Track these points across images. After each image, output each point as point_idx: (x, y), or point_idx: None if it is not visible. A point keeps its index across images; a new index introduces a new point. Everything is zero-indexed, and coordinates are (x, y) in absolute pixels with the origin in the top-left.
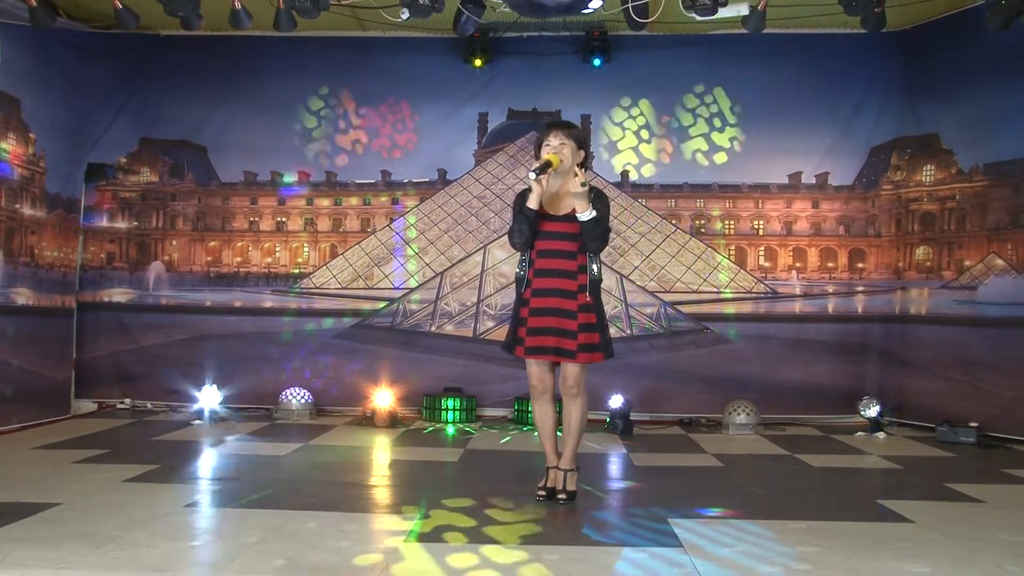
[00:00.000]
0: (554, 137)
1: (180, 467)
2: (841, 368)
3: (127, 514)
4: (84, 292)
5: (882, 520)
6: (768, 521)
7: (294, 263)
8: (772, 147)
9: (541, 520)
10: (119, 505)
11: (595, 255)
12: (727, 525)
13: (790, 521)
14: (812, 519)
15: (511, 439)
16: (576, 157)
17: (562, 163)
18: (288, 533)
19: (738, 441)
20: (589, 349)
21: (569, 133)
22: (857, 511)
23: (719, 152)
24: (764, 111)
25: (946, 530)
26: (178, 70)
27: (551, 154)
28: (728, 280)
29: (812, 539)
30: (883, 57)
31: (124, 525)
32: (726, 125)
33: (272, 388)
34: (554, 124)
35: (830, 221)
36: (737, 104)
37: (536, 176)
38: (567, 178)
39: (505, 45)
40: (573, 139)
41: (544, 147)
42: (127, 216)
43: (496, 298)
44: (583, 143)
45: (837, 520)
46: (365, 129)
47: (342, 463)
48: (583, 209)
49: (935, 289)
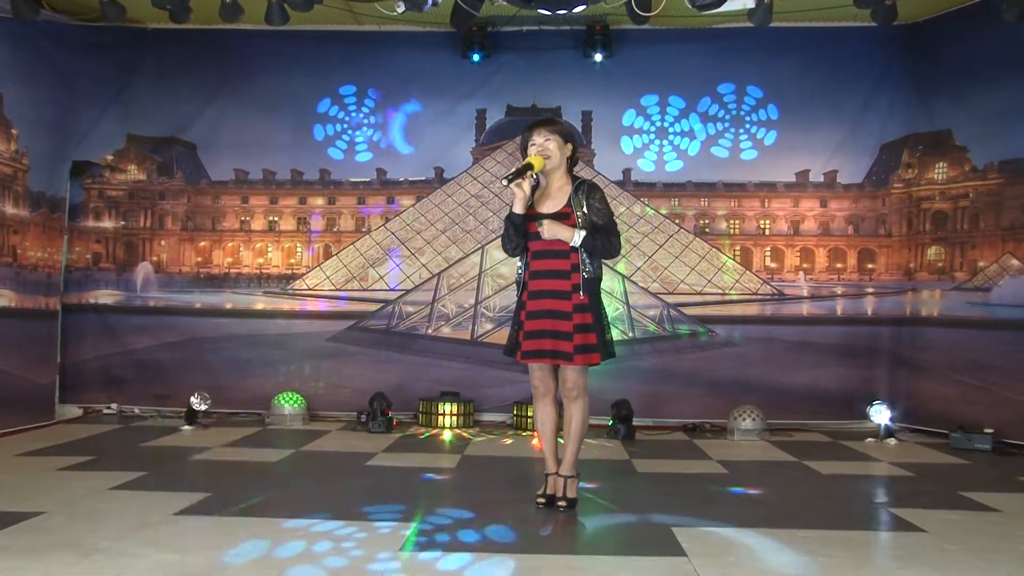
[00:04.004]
0: (538, 135)
1: (169, 474)
2: (850, 372)
3: (114, 523)
4: (69, 294)
5: (894, 529)
6: (775, 530)
7: (286, 264)
8: (779, 144)
9: (540, 528)
10: (105, 514)
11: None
12: (732, 534)
13: (798, 530)
14: (821, 528)
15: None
16: (564, 151)
17: (549, 159)
18: (279, 542)
19: (744, 447)
20: (585, 350)
21: (552, 129)
22: (868, 520)
23: (724, 149)
24: (770, 107)
25: (961, 540)
26: (167, 65)
27: (534, 155)
28: (733, 281)
29: (821, 549)
30: (894, 51)
31: (111, 534)
32: (731, 121)
33: (264, 392)
34: (536, 123)
35: (839, 220)
36: (742, 99)
37: (507, 183)
38: (557, 174)
39: (504, 39)
40: (557, 135)
41: (530, 147)
42: (114, 215)
43: (494, 300)
44: (569, 137)
45: (847, 529)
46: (360, 126)
47: (336, 470)
48: (568, 238)
49: (947, 291)
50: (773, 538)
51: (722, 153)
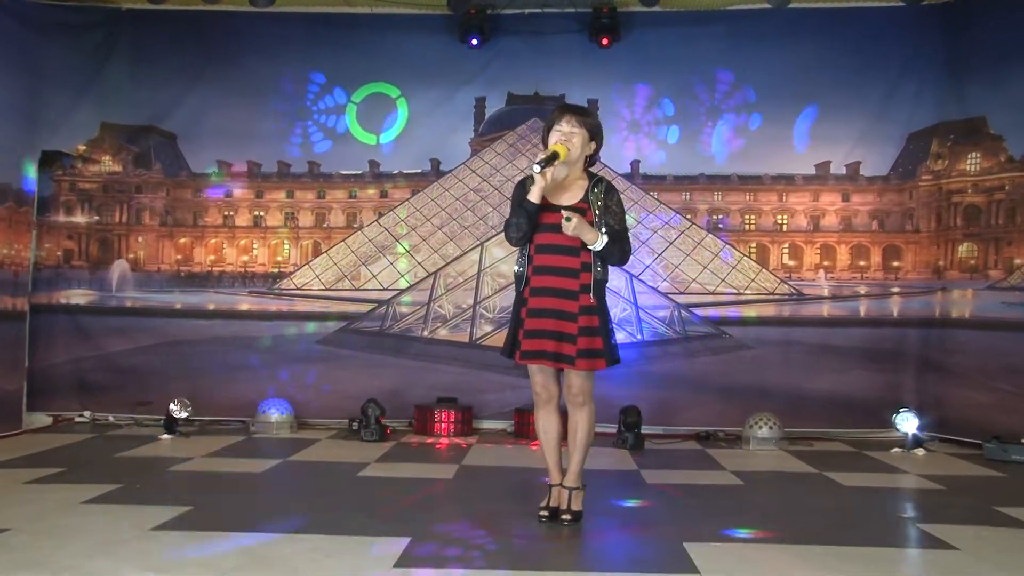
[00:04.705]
0: (566, 123)
1: (145, 487)
2: (875, 377)
3: (86, 539)
4: (38, 293)
5: (922, 547)
6: (793, 546)
7: (273, 262)
8: (797, 134)
9: (543, 543)
10: (77, 530)
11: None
12: (748, 550)
13: (817, 546)
14: (843, 544)
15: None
16: (586, 148)
17: (569, 153)
18: (265, 559)
19: (760, 457)
20: (590, 355)
21: (582, 121)
22: (894, 536)
23: (739, 139)
24: (788, 94)
25: (996, 559)
26: (144, 48)
27: (558, 144)
28: (749, 280)
29: (842, 566)
30: (922, 32)
31: (82, 552)
32: (747, 109)
33: (249, 398)
34: (568, 108)
35: (862, 215)
36: (759, 86)
37: (540, 169)
38: (574, 168)
39: (505, 23)
40: (585, 128)
41: (553, 132)
42: (87, 209)
43: (494, 300)
44: (595, 135)
45: (871, 546)
46: (351, 115)
47: (325, 481)
48: (592, 241)
49: (980, 290)
50: (791, 555)
51: (738, 144)
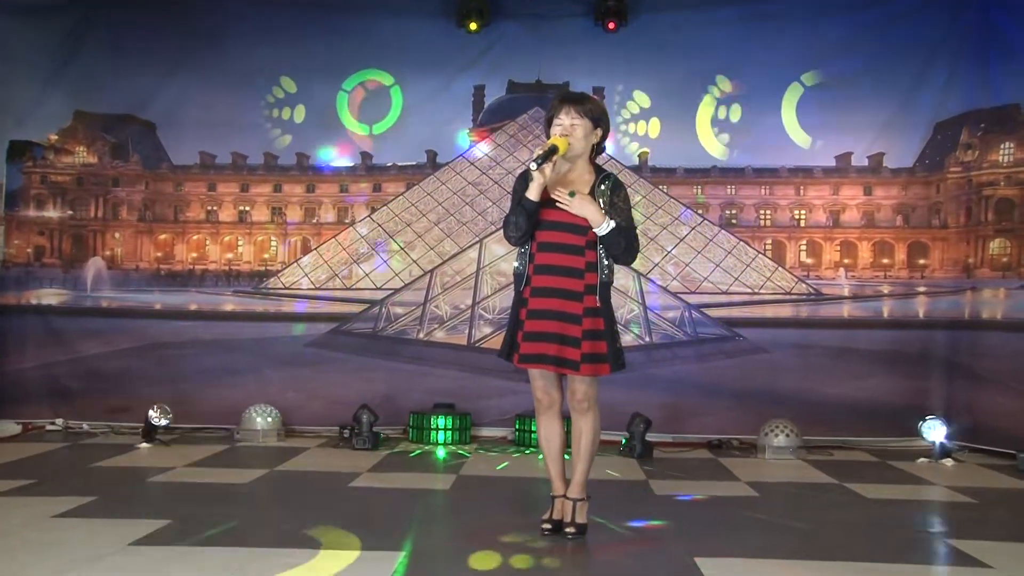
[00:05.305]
0: (565, 115)
1: (123, 499)
2: (899, 382)
3: (59, 555)
4: (6, 293)
5: (952, 563)
6: (811, 562)
7: (259, 259)
8: (816, 123)
9: (545, 557)
10: (49, 545)
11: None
12: (764, 566)
13: (837, 562)
14: (865, 560)
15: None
16: (591, 138)
17: (571, 147)
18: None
19: (776, 467)
20: (594, 360)
21: (583, 110)
22: (921, 552)
23: (754, 129)
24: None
25: None
26: (121, 33)
27: (558, 137)
28: (764, 279)
29: None
30: (951, 15)
31: (56, 568)
32: (762, 97)
33: (233, 405)
34: (567, 98)
35: (885, 210)
36: (775, 73)
37: (538, 166)
38: (579, 161)
39: (505, 5)
40: (588, 117)
41: (554, 126)
42: (59, 204)
43: (494, 300)
44: (599, 122)
45: (895, 562)
46: (341, 104)
47: (315, 492)
48: (597, 222)
49: (1013, 290)
50: (810, 571)
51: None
